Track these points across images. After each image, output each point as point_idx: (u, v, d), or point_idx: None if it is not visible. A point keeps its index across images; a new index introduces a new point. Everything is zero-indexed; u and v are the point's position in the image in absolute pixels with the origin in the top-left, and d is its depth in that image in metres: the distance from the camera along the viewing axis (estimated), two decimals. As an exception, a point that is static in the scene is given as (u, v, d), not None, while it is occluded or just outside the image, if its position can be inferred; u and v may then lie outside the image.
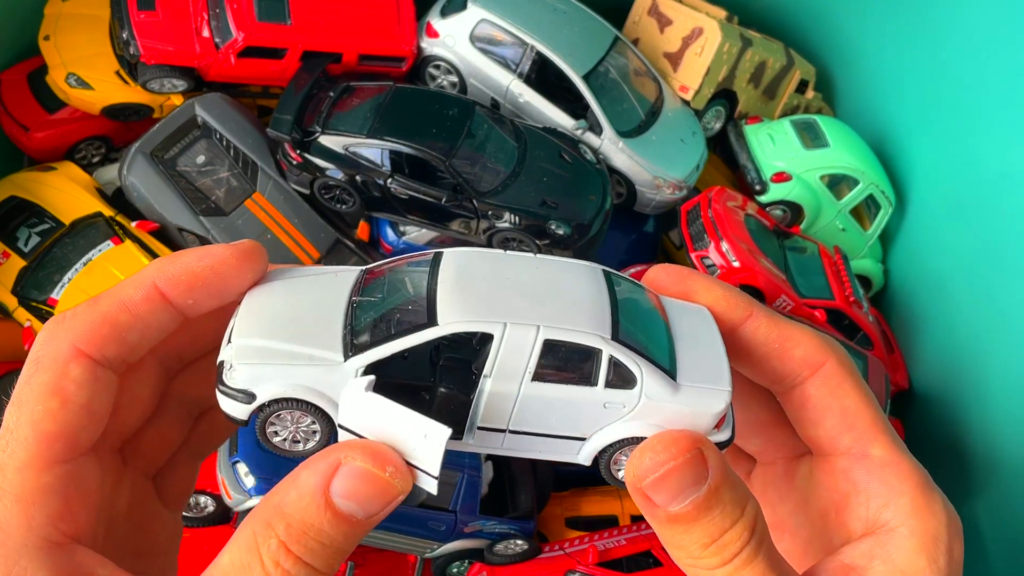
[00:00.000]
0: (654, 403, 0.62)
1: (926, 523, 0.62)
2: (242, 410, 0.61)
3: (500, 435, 0.63)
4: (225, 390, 0.61)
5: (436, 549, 1.71)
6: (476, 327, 0.60)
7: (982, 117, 1.86)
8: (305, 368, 0.60)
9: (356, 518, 0.55)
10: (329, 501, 0.54)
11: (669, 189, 1.98)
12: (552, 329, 0.60)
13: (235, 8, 1.78)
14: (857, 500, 0.65)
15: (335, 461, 0.55)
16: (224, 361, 0.61)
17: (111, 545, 0.61)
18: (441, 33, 1.93)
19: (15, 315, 1.70)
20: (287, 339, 0.61)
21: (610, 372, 0.62)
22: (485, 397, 0.62)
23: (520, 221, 1.75)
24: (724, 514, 0.58)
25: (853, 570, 0.62)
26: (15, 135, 1.92)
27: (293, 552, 0.54)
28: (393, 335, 0.61)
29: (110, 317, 0.60)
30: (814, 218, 2.13)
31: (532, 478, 1.81)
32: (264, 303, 0.64)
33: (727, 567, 0.58)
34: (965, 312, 1.91)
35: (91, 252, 1.73)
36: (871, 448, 0.65)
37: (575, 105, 1.94)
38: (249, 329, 0.62)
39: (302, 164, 1.77)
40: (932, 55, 2.01)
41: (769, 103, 2.26)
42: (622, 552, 1.71)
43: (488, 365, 0.61)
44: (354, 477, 0.55)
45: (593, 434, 0.64)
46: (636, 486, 0.58)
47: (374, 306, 0.63)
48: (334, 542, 0.55)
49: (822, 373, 0.66)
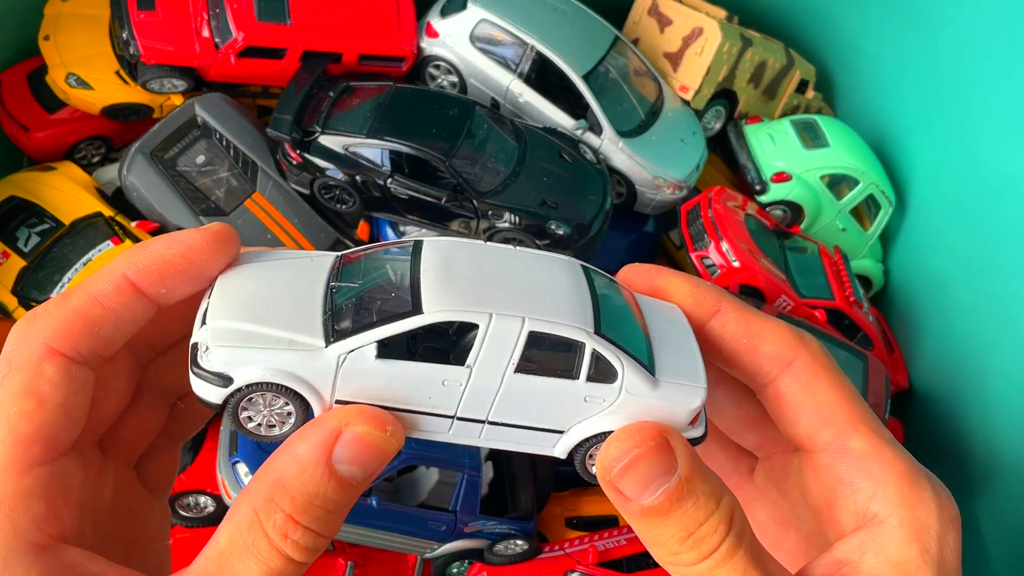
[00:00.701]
0: (633, 398, 0.62)
1: (915, 512, 0.61)
2: (217, 394, 0.60)
3: (479, 426, 0.63)
4: (200, 373, 0.59)
5: (436, 549, 1.71)
6: (462, 316, 0.59)
7: (982, 117, 1.86)
8: (285, 352, 0.59)
9: (356, 480, 0.56)
10: (333, 470, 0.55)
11: (669, 189, 1.98)
12: (537, 321, 0.60)
13: (235, 8, 1.78)
14: (844, 494, 0.64)
15: (334, 429, 0.56)
16: (199, 343, 0.59)
17: (100, 539, 0.60)
18: (441, 33, 1.93)
19: (15, 315, 1.70)
20: (265, 322, 0.60)
21: (592, 366, 0.62)
22: (468, 386, 0.61)
23: (520, 221, 1.75)
24: (698, 506, 0.57)
25: (847, 564, 0.61)
26: (15, 135, 1.92)
27: (301, 523, 0.54)
28: (376, 322, 0.60)
29: (82, 312, 0.58)
30: (814, 218, 2.13)
31: (532, 478, 1.81)
32: (239, 285, 0.62)
33: (707, 562, 0.57)
34: (965, 312, 1.91)
35: (91, 252, 1.73)
36: (850, 441, 0.64)
37: (575, 105, 1.94)
38: (225, 310, 0.60)
39: (302, 164, 1.77)
40: (932, 55, 2.01)
41: (769, 103, 2.26)
42: (622, 552, 1.71)
43: (472, 355, 0.60)
44: (357, 442, 0.56)
45: (571, 427, 0.63)
46: (606, 478, 0.58)
47: (354, 291, 0.62)
48: (338, 507, 0.56)
49: (793, 369, 0.66)
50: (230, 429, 1.67)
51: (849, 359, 1.84)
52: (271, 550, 0.54)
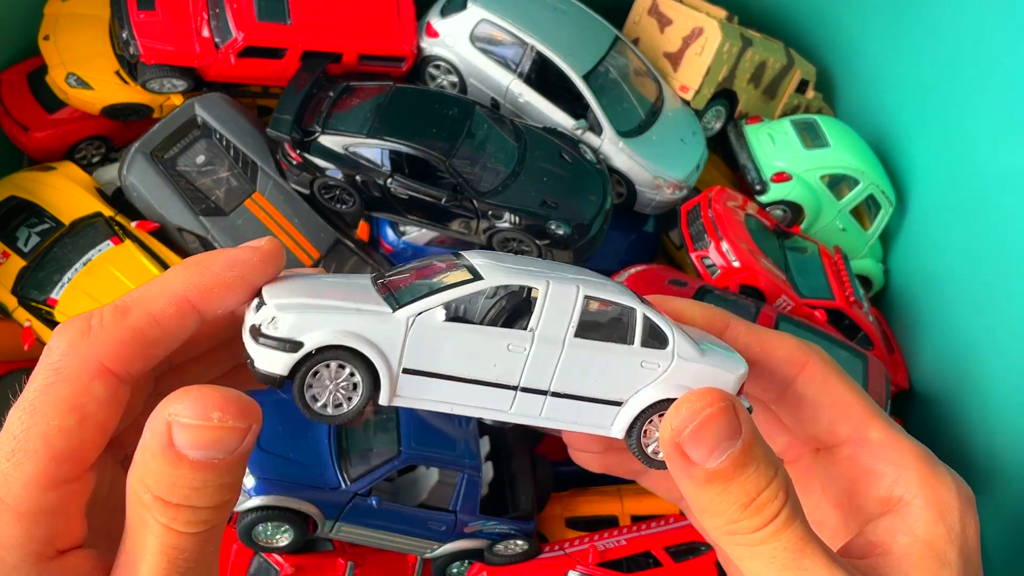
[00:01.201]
0: (686, 363, 0.65)
1: (937, 492, 0.64)
2: (285, 361, 0.59)
3: (541, 400, 0.64)
4: (266, 342, 0.59)
5: (436, 549, 1.71)
6: (521, 281, 0.63)
7: (982, 117, 1.86)
8: (354, 316, 0.60)
9: (217, 460, 0.53)
10: (180, 455, 0.53)
11: (669, 189, 1.98)
12: (591, 286, 0.63)
13: (235, 8, 1.78)
14: (867, 483, 0.67)
15: (165, 419, 0.53)
16: (259, 322, 0.59)
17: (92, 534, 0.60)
18: (441, 33, 1.93)
19: (15, 315, 1.70)
20: (327, 297, 0.61)
21: (645, 331, 0.65)
22: (532, 351, 0.63)
23: (520, 221, 1.75)
24: (759, 473, 0.59)
25: (878, 546, 0.64)
26: (15, 135, 1.92)
27: (171, 502, 0.53)
28: (440, 289, 0.62)
29: (140, 333, 0.58)
30: (814, 218, 2.13)
31: (532, 478, 1.81)
32: (289, 282, 0.64)
33: (768, 528, 0.58)
34: (965, 312, 1.91)
35: (91, 252, 1.72)
36: (869, 433, 0.68)
37: (575, 105, 1.94)
38: (284, 294, 0.61)
39: (302, 164, 1.77)
40: (932, 55, 2.01)
41: (769, 103, 2.26)
42: (622, 552, 1.70)
43: (534, 319, 0.62)
44: (188, 430, 0.53)
45: (629, 398, 0.65)
46: (674, 441, 0.59)
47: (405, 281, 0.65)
48: (208, 482, 0.54)
49: (807, 371, 0.69)
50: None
51: (849, 359, 1.84)
52: (157, 525, 0.54)
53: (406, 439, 1.66)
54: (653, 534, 1.74)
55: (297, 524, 1.58)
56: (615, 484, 1.90)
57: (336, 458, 1.62)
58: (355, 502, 1.60)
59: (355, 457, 1.64)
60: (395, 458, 1.63)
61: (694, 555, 1.71)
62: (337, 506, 1.59)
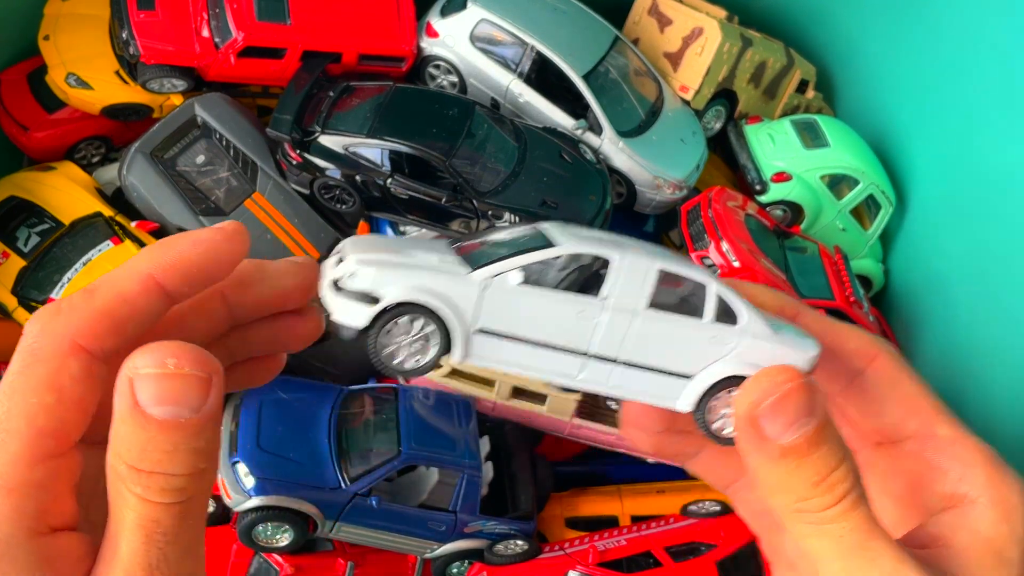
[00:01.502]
0: (757, 342, 0.65)
1: (1003, 493, 0.64)
2: (364, 314, 0.60)
3: (610, 368, 0.65)
4: (345, 293, 0.60)
5: (436, 549, 1.71)
6: (596, 251, 0.63)
7: (982, 117, 1.86)
8: (432, 274, 0.61)
9: (181, 418, 0.53)
10: (146, 416, 0.53)
11: (669, 189, 1.98)
12: (665, 259, 0.64)
13: (235, 8, 1.78)
14: (931, 478, 0.67)
15: (127, 377, 0.53)
16: (339, 276, 0.61)
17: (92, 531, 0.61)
18: (441, 33, 1.93)
19: (15, 315, 1.70)
20: (407, 255, 0.62)
21: (716, 307, 0.65)
22: (604, 319, 0.63)
23: (520, 221, 1.75)
24: (831, 452, 0.59)
25: (939, 539, 0.64)
26: (15, 135, 1.92)
27: (144, 470, 0.53)
28: (516, 252, 0.63)
29: (109, 310, 0.59)
30: (814, 218, 2.13)
31: (532, 478, 1.81)
32: (370, 240, 0.66)
33: (837, 507, 0.59)
34: (965, 312, 1.91)
35: (91, 252, 1.73)
36: (937, 428, 0.68)
37: (575, 105, 1.94)
38: (364, 249, 0.62)
39: (302, 164, 1.77)
40: (932, 55, 2.01)
41: (769, 103, 2.26)
42: (622, 552, 1.70)
43: (607, 287, 0.63)
44: (148, 381, 0.53)
45: (699, 372, 0.65)
46: (751, 414, 0.59)
47: (482, 246, 0.66)
48: (178, 445, 0.54)
49: (878, 364, 0.69)
50: (230, 429, 1.67)
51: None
52: (132, 497, 0.54)
53: (406, 439, 1.66)
54: (653, 534, 1.74)
55: (297, 524, 1.58)
56: (615, 484, 1.90)
57: (336, 458, 1.63)
58: (355, 502, 1.60)
59: (355, 457, 1.64)
60: (395, 458, 1.63)
61: (694, 555, 1.71)
62: (337, 506, 1.59)
